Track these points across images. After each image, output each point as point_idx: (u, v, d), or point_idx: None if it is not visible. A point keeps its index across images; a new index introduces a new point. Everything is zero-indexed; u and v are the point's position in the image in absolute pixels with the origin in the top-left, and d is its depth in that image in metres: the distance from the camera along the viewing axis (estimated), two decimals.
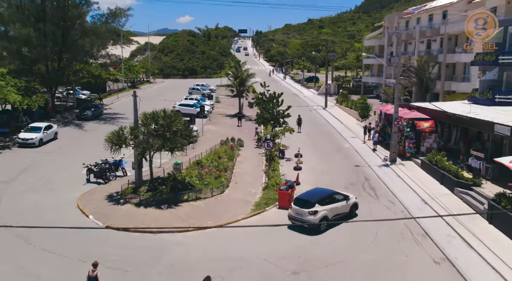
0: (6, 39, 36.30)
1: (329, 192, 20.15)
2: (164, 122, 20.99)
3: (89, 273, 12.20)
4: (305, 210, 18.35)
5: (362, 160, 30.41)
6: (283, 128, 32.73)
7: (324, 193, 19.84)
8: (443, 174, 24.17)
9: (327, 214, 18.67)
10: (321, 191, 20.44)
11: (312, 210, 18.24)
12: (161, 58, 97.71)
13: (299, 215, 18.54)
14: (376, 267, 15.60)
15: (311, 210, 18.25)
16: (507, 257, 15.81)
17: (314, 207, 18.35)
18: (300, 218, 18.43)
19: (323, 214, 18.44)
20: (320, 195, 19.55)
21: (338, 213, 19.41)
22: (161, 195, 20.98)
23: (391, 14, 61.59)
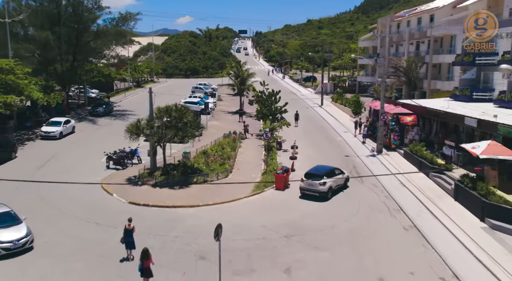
0: (27, 42, 39.58)
1: (330, 167, 24.38)
2: (176, 114, 24.25)
3: (126, 226, 15.41)
4: (316, 181, 22.45)
5: (352, 151, 33.65)
6: (280, 122, 35.93)
7: (327, 168, 24.07)
8: (420, 161, 27.43)
9: (332, 184, 22.92)
10: (324, 167, 24.58)
11: (321, 182, 22.41)
12: (164, 58, 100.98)
13: (310, 186, 22.59)
14: (356, 232, 18.82)
15: (321, 182, 22.41)
16: (464, 225, 19.07)
17: (323, 179, 22.51)
18: (312, 189, 22.55)
19: (329, 184, 22.68)
20: (325, 170, 23.73)
21: (337, 184, 23.72)
22: (173, 178, 24.22)
23: (383, 17, 64.77)
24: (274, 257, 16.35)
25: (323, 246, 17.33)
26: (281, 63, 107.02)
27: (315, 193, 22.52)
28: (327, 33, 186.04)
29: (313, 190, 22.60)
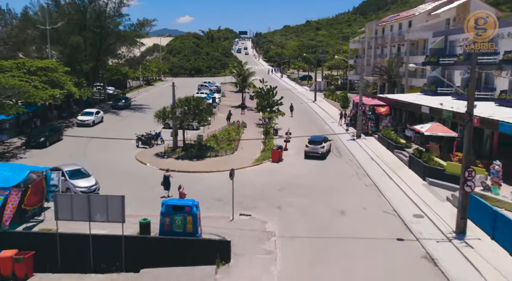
0: (60, 45, 46.32)
1: (323, 136, 33.94)
2: (194, 103, 31.01)
3: (165, 174, 22.13)
4: (317, 146, 31.66)
5: (336, 137, 40.37)
6: (276, 112, 42.69)
7: (322, 137, 33.47)
8: (388, 142, 34.19)
9: (326, 148, 32.04)
10: (318, 136, 33.85)
11: (322, 145, 31.63)
12: (170, 58, 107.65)
13: (313, 149, 31.68)
14: (330, 188, 25.54)
15: (321, 146, 31.61)
16: (410, 182, 25.86)
17: (322, 144, 31.70)
18: (315, 151, 31.60)
19: (326, 148, 32.09)
20: (321, 137, 33.27)
21: (328, 148, 32.80)
22: (191, 153, 30.96)
23: (370, 22, 71.55)
24: (270, 200, 23.10)
25: (305, 195, 24.05)
26: (280, 63, 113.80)
27: (316, 154, 31.61)
28: (324, 34, 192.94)
29: (315, 152, 31.75)
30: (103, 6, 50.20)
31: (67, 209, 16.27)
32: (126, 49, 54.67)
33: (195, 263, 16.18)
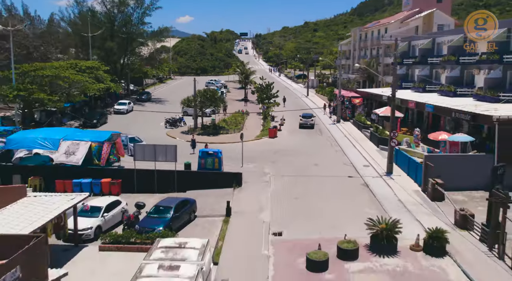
0: (98, 49, 56.55)
1: (311, 113, 46.76)
2: (210, 93, 41.25)
3: (192, 138, 32.32)
4: (308, 119, 44.98)
5: (320, 122, 50.60)
6: (273, 103, 52.95)
7: (311, 114, 46.69)
8: (359, 124, 44.46)
9: (314, 121, 44.61)
10: (309, 113, 46.79)
11: (311, 119, 45.05)
12: (177, 59, 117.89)
13: (305, 121, 44.73)
14: (309, 152, 35.75)
15: (310, 119, 44.92)
16: (367, 148, 36.13)
17: (311, 118, 44.74)
18: (306, 122, 44.29)
19: (313, 121, 44.98)
20: (310, 114, 46.90)
21: (314, 122, 45.59)
22: (208, 131, 41.23)
23: (355, 28, 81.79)
24: (267, 158, 33.35)
25: (291, 156, 34.28)
26: (278, 63, 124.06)
27: (307, 124, 44.92)
28: (321, 36, 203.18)
29: (306, 123, 45.56)
30: (130, 16, 60.45)
31: (141, 154, 26.48)
32: (147, 52, 64.96)
33: (220, 187, 26.32)
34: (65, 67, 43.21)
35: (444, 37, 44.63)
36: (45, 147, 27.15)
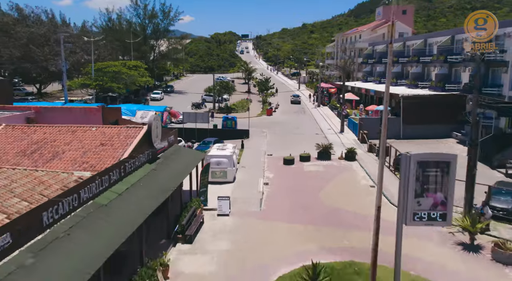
0: (135, 51, 73.35)
1: (299, 94, 64.90)
2: (225, 83, 58.11)
3: (212, 111, 49.07)
4: (297, 98, 64.56)
5: (306, 106, 67.49)
6: (269, 92, 69.91)
7: (298, 94, 64.93)
8: (332, 107, 61.32)
9: (302, 98, 63.05)
10: (297, 94, 63.90)
11: (299, 98, 64.48)
12: (188, 59, 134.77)
13: (295, 100, 64.73)
14: (294, 124, 52.62)
15: (299, 98, 64.23)
16: (332, 119, 53.04)
17: (299, 97, 63.80)
18: (295, 100, 63.53)
19: (300, 99, 63.32)
20: (298, 94, 65.46)
21: (300, 100, 63.82)
22: (223, 110, 58.06)
23: (338, 34, 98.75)
24: (264, 126, 50.21)
25: (281, 125, 51.13)
26: (276, 63, 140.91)
27: (296, 101, 63.00)
28: (316, 37, 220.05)
29: (296, 100, 62.78)
30: (158, 25, 77.32)
31: (187, 118, 43.24)
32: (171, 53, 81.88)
33: (236, 138, 43.04)
34: (119, 65, 59.91)
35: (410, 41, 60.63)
36: (127, 115, 43.86)
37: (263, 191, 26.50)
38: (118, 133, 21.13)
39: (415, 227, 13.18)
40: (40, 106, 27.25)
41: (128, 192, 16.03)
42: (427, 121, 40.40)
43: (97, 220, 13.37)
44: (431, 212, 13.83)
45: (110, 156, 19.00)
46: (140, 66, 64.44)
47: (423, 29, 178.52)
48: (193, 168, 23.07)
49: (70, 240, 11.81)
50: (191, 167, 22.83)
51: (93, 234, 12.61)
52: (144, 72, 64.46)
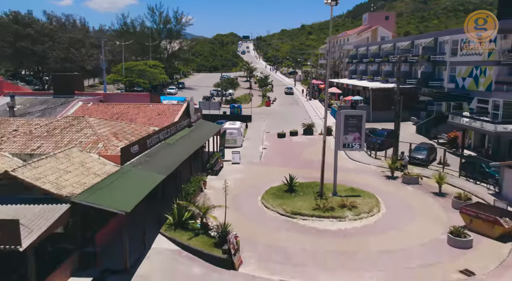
0: (152, 53, 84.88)
1: (292, 87, 77.20)
2: (231, 80, 69.67)
3: (220, 101, 60.66)
4: (291, 89, 79.58)
5: (299, 99, 79.05)
6: (268, 87, 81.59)
7: (291, 87, 79.76)
8: (321, 100, 72.84)
9: (293, 90, 76.02)
10: (290, 86, 77.35)
11: (291, 89, 78.27)
12: (194, 59, 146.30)
13: (288, 91, 78.56)
14: (289, 112, 64.21)
15: (291, 89, 78.35)
16: (318, 107, 64.68)
17: (292, 89, 77.67)
18: (289, 91, 76.94)
19: (293, 90, 76.67)
20: (291, 87, 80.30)
21: (293, 90, 76.69)
22: (230, 103, 69.67)
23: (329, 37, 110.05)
24: (264, 114, 61.76)
25: (277, 113, 62.70)
26: (275, 62, 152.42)
27: (289, 92, 76.83)
28: (313, 39, 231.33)
29: (289, 92, 76.15)
30: (171, 30, 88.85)
31: (203, 106, 54.78)
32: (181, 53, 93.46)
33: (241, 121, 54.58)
34: (143, 64, 71.42)
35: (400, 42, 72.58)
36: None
37: (262, 152, 38.09)
38: (167, 108, 32.75)
39: (357, 167, 24.67)
40: (105, 93, 38.95)
41: (180, 140, 27.57)
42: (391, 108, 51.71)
43: (169, 149, 24.96)
44: (352, 143, 25.68)
45: (165, 121, 30.54)
46: (158, 66, 75.89)
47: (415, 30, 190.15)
48: (214, 133, 34.62)
49: (160, 154, 23.44)
50: (213, 132, 34.41)
51: (169, 154, 24.13)
52: (162, 70, 75.94)
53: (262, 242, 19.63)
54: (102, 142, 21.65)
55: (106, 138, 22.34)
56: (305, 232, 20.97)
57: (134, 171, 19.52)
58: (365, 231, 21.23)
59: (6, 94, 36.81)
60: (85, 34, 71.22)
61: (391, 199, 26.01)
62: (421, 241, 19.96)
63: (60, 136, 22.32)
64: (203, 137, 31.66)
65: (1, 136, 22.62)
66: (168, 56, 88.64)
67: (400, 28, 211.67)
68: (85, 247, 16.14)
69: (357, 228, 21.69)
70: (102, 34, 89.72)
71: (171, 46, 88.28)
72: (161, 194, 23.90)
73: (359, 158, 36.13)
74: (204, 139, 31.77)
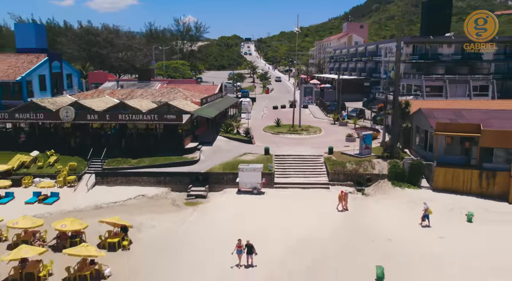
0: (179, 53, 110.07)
1: (281, 77, 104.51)
2: (240, 74, 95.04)
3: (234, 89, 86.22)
4: (279, 78, 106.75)
5: (291, 90, 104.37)
6: (266, 81, 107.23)
7: (280, 77, 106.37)
8: None
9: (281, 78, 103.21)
10: (279, 76, 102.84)
11: (280, 78, 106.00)
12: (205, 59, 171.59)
13: (278, 79, 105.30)
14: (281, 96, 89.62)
15: (280, 78, 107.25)
16: None
17: (281, 78, 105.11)
18: (278, 79, 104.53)
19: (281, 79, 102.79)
20: (279, 77, 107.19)
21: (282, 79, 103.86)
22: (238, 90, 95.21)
23: (316, 41, 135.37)
24: (265, 98, 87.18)
25: (273, 97, 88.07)
26: (274, 62, 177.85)
27: (279, 80, 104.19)
28: (309, 41, 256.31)
29: (278, 79, 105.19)
30: (192, 36, 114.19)
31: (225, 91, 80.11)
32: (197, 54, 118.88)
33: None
34: (175, 63, 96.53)
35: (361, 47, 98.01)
36: None
37: (263, 114, 63.56)
38: (210, 87, 58.44)
39: (317, 120, 50.58)
40: (168, 79, 64.50)
41: (218, 102, 53.17)
42: (351, 92, 77.03)
43: (215, 104, 50.70)
44: (308, 101, 51.99)
45: (210, 93, 56.11)
46: (185, 64, 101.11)
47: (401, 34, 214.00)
48: (234, 102, 60.01)
49: (213, 104, 49.29)
50: (234, 101, 59.92)
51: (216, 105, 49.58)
52: (187, 67, 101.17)
53: (262, 139, 44.99)
54: (189, 98, 47.05)
55: (190, 95, 47.79)
56: (282, 138, 46.38)
57: (206, 107, 44.90)
58: (310, 138, 46.61)
59: (111, 80, 62.54)
60: (131, 39, 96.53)
61: (329, 130, 51.38)
62: (335, 139, 45.21)
63: (168, 95, 47.72)
64: (229, 103, 57.14)
65: (138, 96, 48.03)
66: (189, 57, 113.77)
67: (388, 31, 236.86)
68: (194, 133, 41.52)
69: (306, 137, 47.05)
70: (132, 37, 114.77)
71: (191, 48, 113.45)
72: (215, 123, 49.36)
73: (319, 116, 61.52)
74: (230, 103, 57.29)
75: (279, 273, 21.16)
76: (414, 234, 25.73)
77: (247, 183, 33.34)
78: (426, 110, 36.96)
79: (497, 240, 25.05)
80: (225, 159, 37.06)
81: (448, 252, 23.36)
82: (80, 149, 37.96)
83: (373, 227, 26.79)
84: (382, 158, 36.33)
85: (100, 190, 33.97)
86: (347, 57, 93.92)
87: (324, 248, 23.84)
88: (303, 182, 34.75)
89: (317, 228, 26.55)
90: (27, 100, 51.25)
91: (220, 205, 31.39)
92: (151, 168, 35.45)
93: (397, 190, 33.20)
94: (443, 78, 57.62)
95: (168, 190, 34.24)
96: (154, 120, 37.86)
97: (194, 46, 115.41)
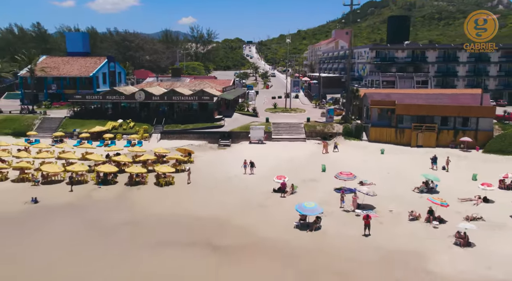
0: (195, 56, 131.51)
1: (274, 73, 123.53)
2: (245, 73, 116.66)
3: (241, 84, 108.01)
4: (274, 74, 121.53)
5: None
6: (267, 79, 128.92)
7: (274, 73, 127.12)
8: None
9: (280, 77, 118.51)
10: (273, 72, 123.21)
11: (274, 74, 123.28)
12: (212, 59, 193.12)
13: (272, 74, 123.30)
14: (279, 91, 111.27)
15: (274, 74, 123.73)
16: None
17: (274, 74, 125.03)
18: (271, 75, 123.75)
19: (275, 74, 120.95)
20: (274, 73, 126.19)
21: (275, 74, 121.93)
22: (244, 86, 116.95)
23: (309, 45, 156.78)
24: (265, 92, 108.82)
25: (272, 91, 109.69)
26: (273, 63, 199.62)
27: (273, 75, 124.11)
28: (306, 43, 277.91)
29: (272, 74, 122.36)
30: (204, 41, 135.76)
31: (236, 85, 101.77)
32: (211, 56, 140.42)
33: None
34: (193, 63, 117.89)
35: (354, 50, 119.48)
36: None
37: (264, 102, 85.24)
38: (225, 81, 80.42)
39: (304, 106, 72.67)
40: (192, 76, 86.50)
41: (233, 91, 75.03)
42: (334, 87, 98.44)
43: (231, 92, 72.57)
44: (296, 90, 74.35)
45: (226, 85, 77.96)
46: (201, 64, 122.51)
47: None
48: (244, 92, 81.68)
49: (230, 91, 71.24)
50: (243, 91, 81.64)
51: (232, 93, 71.25)
52: (202, 67, 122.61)
53: (264, 115, 66.60)
54: (213, 87, 68.69)
55: (214, 86, 69.54)
56: (278, 114, 68.00)
57: (226, 94, 66.52)
58: (296, 115, 68.17)
59: (151, 76, 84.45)
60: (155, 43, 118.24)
61: (310, 111, 72.95)
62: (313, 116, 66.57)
63: (198, 86, 69.35)
64: (240, 91, 78.76)
65: (178, 86, 69.74)
66: (202, 58, 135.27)
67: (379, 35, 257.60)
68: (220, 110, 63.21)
69: (294, 114, 68.61)
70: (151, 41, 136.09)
71: (203, 51, 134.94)
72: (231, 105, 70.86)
73: (306, 103, 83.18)
74: (241, 92, 78.83)
75: (269, 174, 42.74)
76: (350, 159, 47.32)
77: (255, 137, 54.78)
78: (368, 93, 58.58)
79: (392, 160, 46.70)
80: (240, 124, 58.64)
81: (366, 165, 45.06)
82: (147, 119, 59.41)
83: (331, 157, 48.61)
84: (339, 123, 57.94)
85: (164, 142, 55.42)
86: (332, 59, 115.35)
87: (301, 162, 45.48)
88: (289, 137, 56.28)
89: (297, 155, 48.19)
90: (96, 90, 72.97)
91: (238, 149, 52.84)
92: (194, 130, 56.94)
93: (347, 141, 54.78)
94: (395, 75, 79.24)
95: (206, 142, 55.69)
96: (195, 100, 59.49)
97: (205, 49, 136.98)
